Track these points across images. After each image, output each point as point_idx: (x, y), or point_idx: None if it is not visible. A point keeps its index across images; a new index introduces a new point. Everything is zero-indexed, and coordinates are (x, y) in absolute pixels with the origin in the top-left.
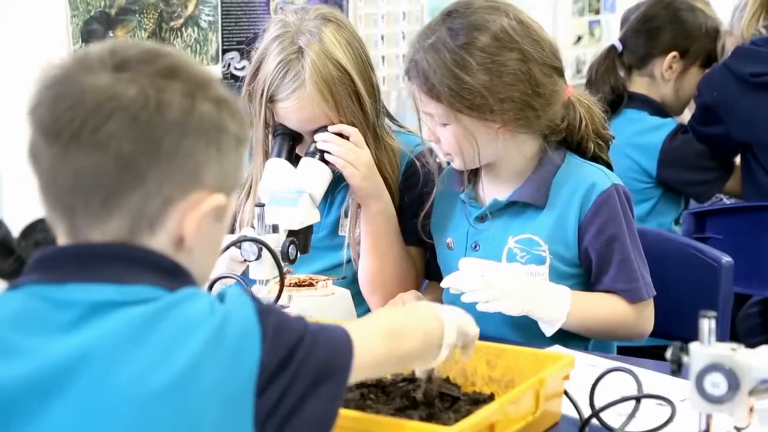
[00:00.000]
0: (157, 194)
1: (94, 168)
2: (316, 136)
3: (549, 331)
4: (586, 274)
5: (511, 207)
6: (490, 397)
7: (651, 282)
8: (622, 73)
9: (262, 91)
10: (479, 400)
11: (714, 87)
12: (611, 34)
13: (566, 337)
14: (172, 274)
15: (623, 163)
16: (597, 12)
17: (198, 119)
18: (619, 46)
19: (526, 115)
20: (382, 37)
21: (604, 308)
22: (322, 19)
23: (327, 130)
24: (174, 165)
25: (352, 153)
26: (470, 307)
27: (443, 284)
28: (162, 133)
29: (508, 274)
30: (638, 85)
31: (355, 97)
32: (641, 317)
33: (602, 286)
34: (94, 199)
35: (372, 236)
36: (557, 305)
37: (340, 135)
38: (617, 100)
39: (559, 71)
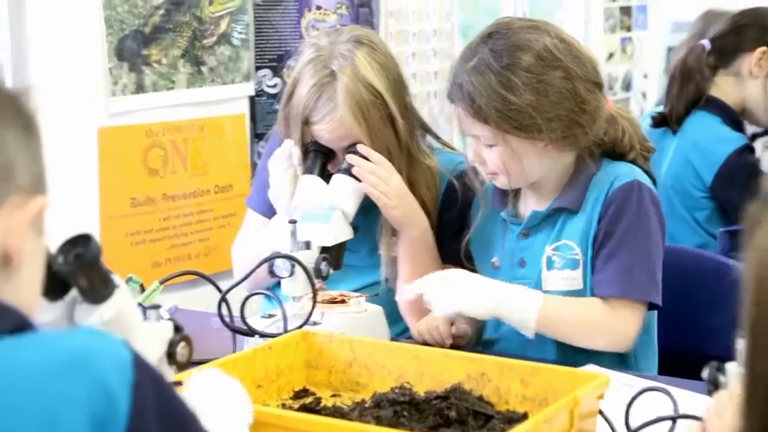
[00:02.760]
0: None
1: None
2: (348, 158)
3: (528, 333)
4: None
5: (550, 216)
6: (524, 416)
7: (651, 289)
8: (706, 73)
9: (297, 114)
10: (513, 419)
11: None
12: (643, 51)
13: (600, 356)
14: None
15: (682, 164)
16: (629, 29)
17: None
18: (708, 45)
19: (574, 133)
20: (413, 55)
21: (578, 309)
22: (355, 41)
23: (356, 150)
24: None
25: (383, 184)
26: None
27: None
28: None
29: (474, 278)
30: (722, 84)
31: (388, 120)
32: (619, 317)
33: (595, 273)
34: None
35: (410, 261)
36: (524, 308)
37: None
38: (696, 100)
39: (600, 86)
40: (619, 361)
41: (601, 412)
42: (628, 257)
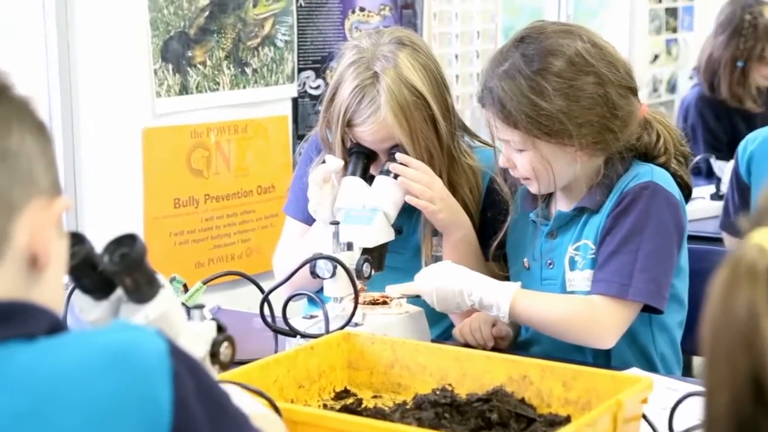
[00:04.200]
0: None
1: None
2: (391, 167)
3: (504, 317)
4: None
5: (574, 216)
6: (567, 419)
7: (649, 291)
8: None
9: (339, 116)
10: (555, 422)
11: None
12: (689, 52)
13: (625, 358)
14: (23, 317)
15: None
16: (674, 30)
17: (15, 116)
18: None
19: (605, 138)
20: (456, 56)
21: (551, 305)
22: (397, 43)
23: (397, 154)
24: (7, 165)
25: (428, 190)
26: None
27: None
28: None
29: (458, 270)
30: None
31: (430, 121)
32: (600, 315)
33: (595, 270)
34: None
35: (453, 261)
36: (498, 295)
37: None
38: None
39: (634, 91)
40: (643, 363)
41: (644, 417)
42: (630, 258)
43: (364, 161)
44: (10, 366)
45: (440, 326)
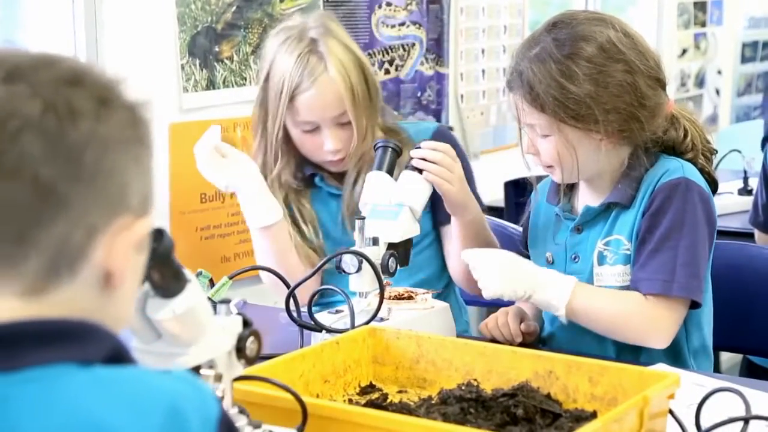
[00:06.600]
0: (80, 223)
1: (5, 199)
2: (412, 152)
3: (561, 320)
4: None
5: (603, 211)
6: (593, 415)
7: (693, 287)
8: None
9: (281, 90)
10: (581, 418)
11: None
12: (718, 47)
13: (655, 354)
14: (82, 339)
15: None
16: (703, 24)
17: (116, 129)
18: None
19: (631, 127)
20: (483, 51)
21: (611, 301)
22: (324, 17)
23: (422, 142)
24: (97, 185)
25: (447, 171)
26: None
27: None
28: (81, 149)
29: (517, 261)
30: None
31: (365, 84)
32: (655, 314)
33: (636, 269)
34: (6, 236)
35: (467, 243)
36: (556, 292)
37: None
38: None
39: (662, 84)
40: (674, 359)
41: (671, 412)
42: (671, 254)
43: (390, 156)
44: (56, 391)
45: (466, 319)
